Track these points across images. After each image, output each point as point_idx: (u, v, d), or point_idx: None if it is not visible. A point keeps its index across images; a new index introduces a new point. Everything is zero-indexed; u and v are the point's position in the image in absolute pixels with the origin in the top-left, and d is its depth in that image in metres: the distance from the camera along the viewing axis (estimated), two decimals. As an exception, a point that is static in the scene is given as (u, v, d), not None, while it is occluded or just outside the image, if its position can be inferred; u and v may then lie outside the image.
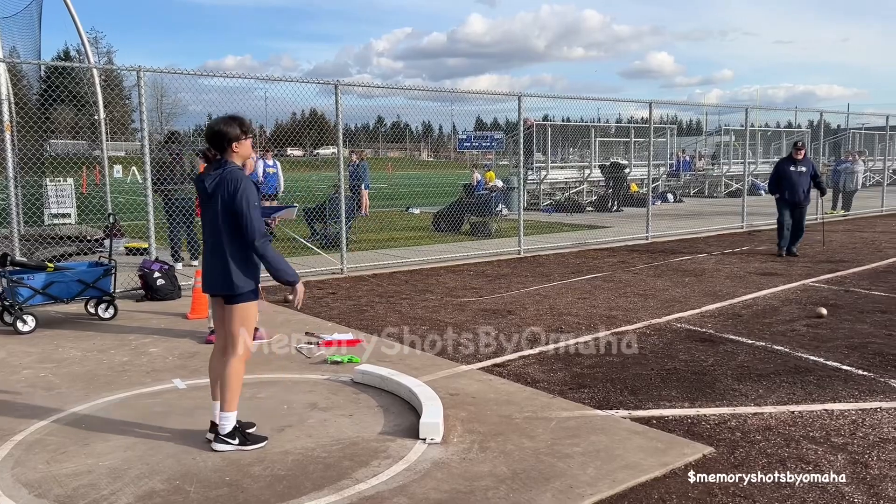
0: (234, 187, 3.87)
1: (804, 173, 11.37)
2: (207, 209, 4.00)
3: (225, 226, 3.90)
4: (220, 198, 3.89)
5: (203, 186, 3.98)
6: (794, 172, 11.38)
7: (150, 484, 3.58)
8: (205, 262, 4.06)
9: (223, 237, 3.93)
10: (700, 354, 5.91)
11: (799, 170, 11.37)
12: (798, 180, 11.35)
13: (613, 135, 24.85)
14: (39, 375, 5.40)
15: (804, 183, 11.37)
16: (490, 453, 3.94)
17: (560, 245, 12.72)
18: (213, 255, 3.99)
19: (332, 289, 8.88)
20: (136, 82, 8.19)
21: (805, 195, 11.42)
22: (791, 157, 11.52)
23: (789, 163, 11.51)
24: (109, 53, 63.26)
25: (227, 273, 3.92)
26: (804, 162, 11.42)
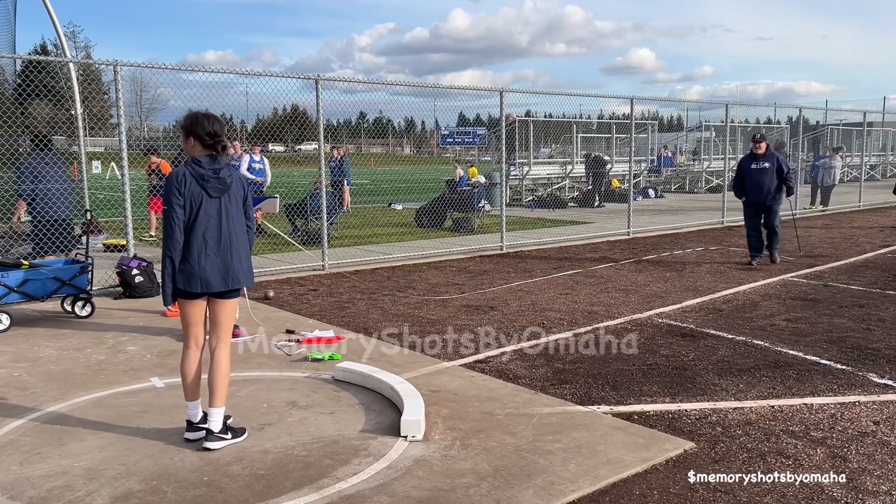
0: (245, 182, 4.09)
1: (768, 170, 9.95)
2: (220, 203, 3.91)
3: (238, 220, 4.00)
4: (238, 191, 3.99)
5: (223, 179, 3.89)
6: (756, 170, 10.02)
7: (127, 484, 3.53)
8: (218, 258, 3.89)
9: (237, 231, 3.98)
10: (681, 349, 5.94)
11: (761, 166, 9.99)
12: (761, 178, 9.97)
13: (595, 131, 24.93)
14: (14, 375, 5.30)
15: (769, 181, 9.96)
16: (472, 450, 3.93)
17: (542, 241, 12.73)
18: (238, 249, 3.96)
19: (313, 285, 8.82)
20: (113, 77, 8.06)
21: (772, 195, 10.03)
22: (751, 153, 10.20)
23: (750, 160, 10.18)
24: (87, 48, 62.42)
25: (249, 264, 4.06)
26: (767, 157, 10.02)
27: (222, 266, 3.92)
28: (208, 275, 3.89)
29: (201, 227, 3.88)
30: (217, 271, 3.91)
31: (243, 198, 4.06)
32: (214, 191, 3.89)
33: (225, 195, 3.93)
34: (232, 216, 3.96)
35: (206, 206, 3.89)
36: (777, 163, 10.01)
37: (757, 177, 10.01)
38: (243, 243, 4.03)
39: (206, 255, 3.89)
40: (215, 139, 3.91)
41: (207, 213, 3.89)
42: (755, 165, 10.05)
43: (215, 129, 3.90)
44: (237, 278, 3.98)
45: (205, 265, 3.89)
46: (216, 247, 3.91)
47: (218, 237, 3.91)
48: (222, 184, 3.91)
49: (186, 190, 3.86)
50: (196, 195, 3.87)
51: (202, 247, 3.88)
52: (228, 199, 3.95)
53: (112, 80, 8.10)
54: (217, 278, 3.91)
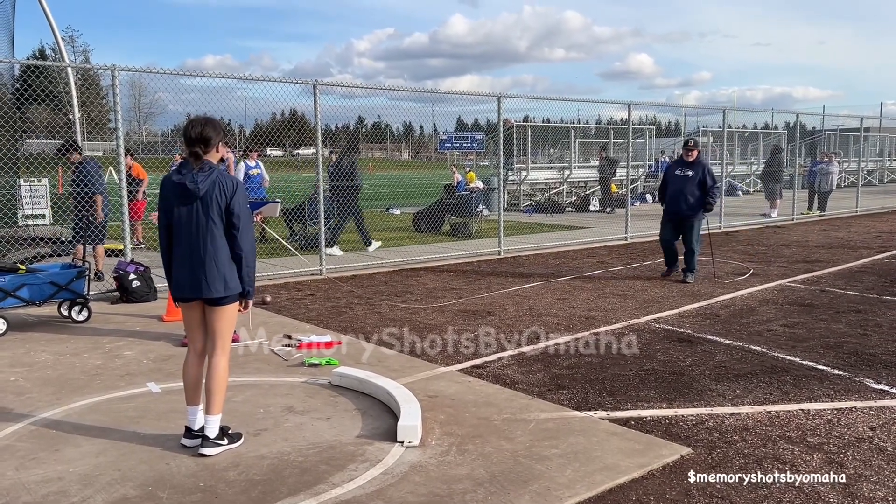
0: (233, 187, 3.92)
1: (691, 178, 9.12)
2: (191, 210, 3.85)
3: (217, 227, 3.88)
4: (214, 198, 3.85)
5: (188, 187, 3.83)
6: (678, 176, 9.21)
7: (122, 490, 3.52)
8: (188, 265, 3.88)
9: (215, 238, 3.88)
10: (678, 354, 5.94)
11: (685, 173, 9.18)
12: (682, 186, 9.15)
13: (593, 136, 24.97)
14: (10, 380, 5.29)
15: (690, 190, 9.12)
16: (468, 456, 3.92)
17: (540, 246, 12.73)
18: (204, 257, 3.86)
19: (310, 290, 8.82)
20: (111, 81, 8.07)
21: (690, 206, 9.16)
22: (680, 159, 9.46)
23: (676, 165, 9.42)
24: (86, 52, 62.38)
25: (224, 274, 3.91)
26: (695, 165, 9.19)
27: (190, 273, 3.89)
28: (181, 279, 3.92)
29: (176, 232, 3.92)
30: (187, 278, 3.90)
31: (224, 206, 3.87)
32: (181, 197, 3.87)
33: (196, 202, 3.85)
34: (202, 224, 3.85)
35: (179, 212, 3.89)
36: (703, 173, 9.18)
37: (678, 184, 9.21)
38: (218, 252, 3.88)
39: (178, 261, 3.92)
40: (193, 143, 3.86)
41: (179, 219, 3.89)
42: (679, 172, 9.26)
43: (193, 133, 3.86)
44: (202, 287, 3.87)
45: (178, 270, 3.92)
46: (187, 252, 3.89)
47: (188, 244, 3.89)
48: (185, 190, 3.84)
49: (164, 195, 3.94)
50: (169, 201, 3.90)
51: (177, 250, 3.93)
52: (200, 207, 3.85)
53: (111, 84, 8.10)
54: (187, 285, 3.91)
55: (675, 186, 9.23)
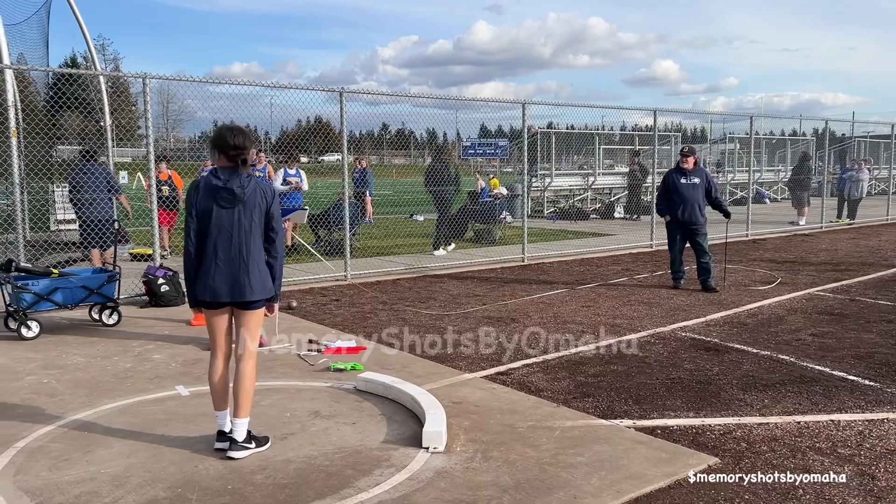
0: (272, 194, 4.09)
1: (697, 185, 9.15)
2: (233, 214, 3.93)
3: (257, 231, 4.01)
4: (257, 203, 3.98)
5: (235, 192, 3.91)
6: (686, 185, 9.14)
7: (153, 491, 3.57)
8: (227, 269, 3.93)
9: (252, 243, 3.98)
10: (705, 363, 5.88)
11: (692, 181, 9.15)
12: (692, 194, 9.12)
13: (617, 142, 24.84)
14: (43, 382, 5.40)
15: (698, 198, 9.15)
16: (493, 462, 3.92)
17: (564, 252, 12.70)
18: (247, 260, 3.96)
19: (335, 295, 8.88)
20: (142, 89, 8.22)
21: (703, 213, 9.21)
22: (678, 168, 9.34)
23: (679, 174, 9.28)
24: (116, 60, 63.58)
25: (262, 277, 4.03)
26: (696, 172, 9.23)
27: (230, 277, 3.94)
28: (217, 285, 3.94)
29: (212, 236, 3.94)
30: (225, 282, 3.94)
31: (265, 210, 4.02)
32: (224, 202, 3.92)
33: (238, 206, 3.93)
34: (245, 228, 3.95)
35: (218, 217, 3.93)
36: (706, 180, 9.27)
37: (688, 193, 9.14)
38: (257, 256, 4.00)
39: (215, 265, 3.94)
40: (238, 151, 3.95)
41: (219, 224, 3.93)
42: (685, 180, 9.17)
43: (237, 141, 3.95)
44: (245, 290, 3.96)
45: (213, 275, 3.94)
46: (226, 257, 3.94)
47: (228, 248, 3.94)
48: (231, 195, 3.91)
49: (198, 199, 3.95)
50: (207, 205, 3.93)
51: (213, 256, 3.95)
52: (243, 211, 3.94)
53: (140, 91, 8.26)
54: (225, 289, 3.95)
55: (687, 196, 9.14)
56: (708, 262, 9.22)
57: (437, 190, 12.74)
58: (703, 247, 9.21)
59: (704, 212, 9.26)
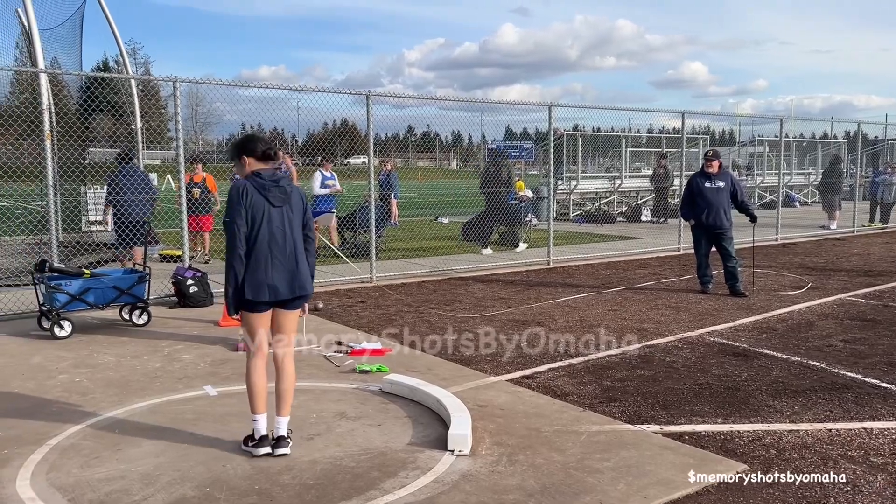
0: (304, 194, 4.22)
1: (723, 189, 9.06)
2: (282, 213, 4.01)
3: (300, 230, 4.12)
4: (297, 202, 4.11)
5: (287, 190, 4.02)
6: (710, 189, 9.05)
7: (181, 490, 3.62)
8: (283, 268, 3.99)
9: (299, 240, 4.10)
10: (733, 369, 5.81)
11: (716, 185, 9.07)
12: (717, 198, 9.03)
13: (644, 145, 24.65)
14: (75, 380, 5.49)
15: (723, 202, 9.06)
16: (519, 466, 3.91)
17: (590, 256, 12.63)
18: (298, 258, 4.06)
19: (361, 297, 8.92)
20: (171, 92, 8.34)
21: (729, 217, 9.13)
22: (703, 171, 9.29)
23: (704, 177, 9.18)
24: (147, 64, 64.46)
25: (309, 275, 4.16)
26: (721, 176, 9.15)
27: (288, 274, 4.02)
28: (276, 283, 3.98)
29: (266, 236, 3.96)
30: (284, 280, 4.00)
31: (303, 209, 4.16)
32: (276, 200, 3.99)
33: (286, 205, 4.04)
34: (294, 226, 4.08)
35: (271, 216, 3.98)
36: (731, 184, 9.17)
37: (713, 197, 9.04)
38: (303, 253, 4.13)
39: (272, 265, 3.97)
40: (269, 147, 4.08)
41: (272, 223, 3.98)
42: (710, 184, 9.09)
43: (270, 150, 4.09)
44: (302, 285, 4.09)
45: (272, 274, 3.97)
46: (282, 255, 4.00)
47: (283, 246, 4.01)
48: (283, 192, 4.01)
49: (249, 201, 3.93)
50: (259, 206, 3.95)
51: (268, 256, 3.96)
52: (290, 209, 4.05)
53: (170, 95, 8.39)
54: (285, 286, 4.01)
55: (712, 199, 9.04)
56: (734, 267, 9.10)
57: (492, 191, 13.24)
58: (728, 251, 9.10)
59: (730, 216, 9.17)
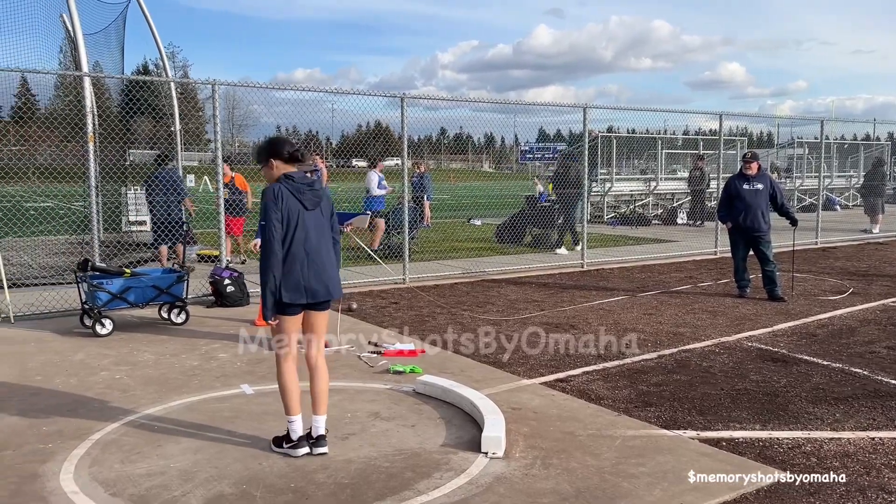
0: (330, 196, 4.23)
1: (761, 191, 8.91)
2: (315, 215, 4.05)
3: (328, 232, 4.15)
4: (326, 205, 4.15)
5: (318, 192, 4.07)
6: (748, 191, 8.92)
7: (219, 487, 3.67)
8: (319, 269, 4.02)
9: (330, 242, 4.15)
10: (772, 375, 5.71)
11: (755, 187, 8.93)
12: (755, 201, 8.89)
13: (680, 146, 24.34)
14: (115, 377, 5.61)
15: (762, 204, 8.92)
16: (553, 470, 3.89)
17: (624, 259, 12.51)
18: (328, 260, 4.10)
19: (394, 298, 8.96)
20: (209, 95, 8.48)
21: (767, 220, 8.99)
22: (741, 173, 9.14)
23: (742, 180, 9.06)
24: (185, 67, 65.71)
25: (339, 276, 4.21)
26: (760, 178, 9.00)
27: (323, 276, 4.06)
28: (313, 285, 4.02)
29: (301, 239, 3.99)
30: (320, 281, 4.04)
31: (330, 212, 4.20)
32: (310, 203, 4.03)
33: (318, 208, 4.08)
34: (326, 228, 4.14)
35: (305, 219, 4.01)
36: (771, 185, 9.03)
37: (751, 199, 8.91)
38: (332, 254, 4.18)
39: (308, 267, 4.01)
40: (295, 149, 4.09)
41: (306, 226, 4.01)
42: (748, 186, 8.95)
43: (294, 146, 4.10)
44: (336, 287, 4.15)
45: (308, 276, 4.00)
46: (316, 257, 4.04)
47: (318, 248, 4.05)
48: (316, 195, 4.06)
49: (284, 204, 3.95)
50: (294, 208, 3.98)
51: (304, 258, 3.99)
52: (321, 212, 4.10)
53: (207, 97, 8.53)
54: (321, 288, 4.05)
55: (750, 202, 8.91)
56: (773, 271, 8.94)
57: (563, 192, 13.61)
58: (766, 255, 8.95)
59: (768, 218, 9.04)
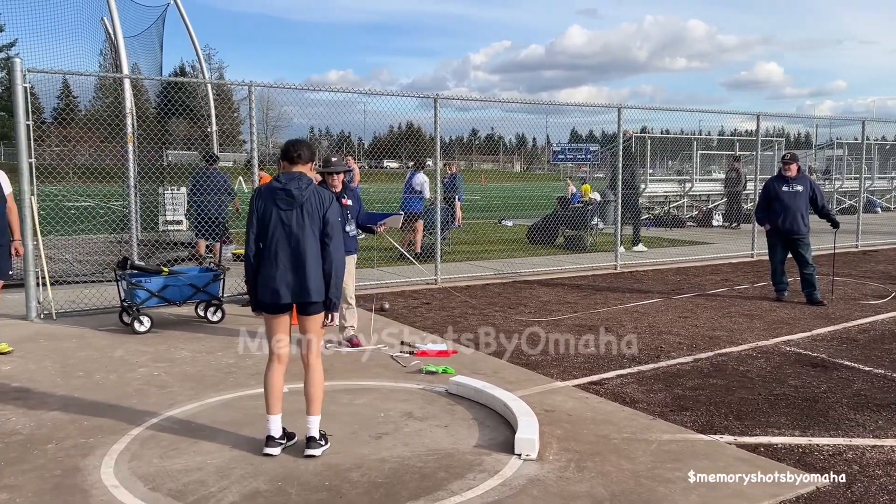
0: (330, 199, 4.17)
1: (801, 193, 8.72)
2: (293, 216, 4.02)
3: (316, 234, 4.07)
4: (314, 207, 4.07)
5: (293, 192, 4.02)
6: (787, 193, 8.72)
7: (255, 484, 3.72)
8: (290, 270, 4.01)
9: (311, 246, 4.05)
10: (811, 380, 5.60)
11: (794, 189, 8.72)
12: (794, 203, 8.70)
13: (715, 147, 24.00)
14: (154, 374, 5.71)
15: (801, 206, 8.72)
16: (587, 473, 3.86)
17: (659, 261, 12.37)
18: (301, 263, 4.02)
19: (426, 299, 8.97)
20: (244, 96, 8.60)
21: (807, 223, 8.79)
22: (780, 175, 8.94)
23: (781, 181, 8.86)
24: (221, 69, 66.59)
25: (320, 282, 4.09)
26: (800, 180, 8.82)
27: (292, 278, 4.02)
28: (278, 286, 4.01)
29: (273, 239, 4.03)
30: (286, 283, 4.02)
31: (322, 214, 4.09)
32: (283, 203, 4.03)
33: (298, 209, 4.03)
34: (303, 231, 4.03)
35: (281, 219, 4.03)
36: (811, 188, 8.82)
37: (790, 201, 8.71)
38: (316, 259, 4.06)
39: (276, 267, 4.02)
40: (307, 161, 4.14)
41: (279, 226, 4.03)
42: (787, 188, 8.74)
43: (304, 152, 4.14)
44: (306, 292, 4.04)
45: (275, 276, 4.01)
46: (286, 259, 4.02)
47: (288, 250, 4.02)
48: (289, 196, 4.02)
49: (261, 203, 4.07)
50: (269, 208, 4.04)
51: (273, 258, 4.02)
52: (301, 213, 4.04)
53: (243, 99, 8.65)
54: (286, 290, 4.02)
55: (790, 204, 8.72)
56: (812, 274, 8.77)
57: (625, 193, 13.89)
58: (805, 258, 8.78)
59: (808, 221, 8.85)
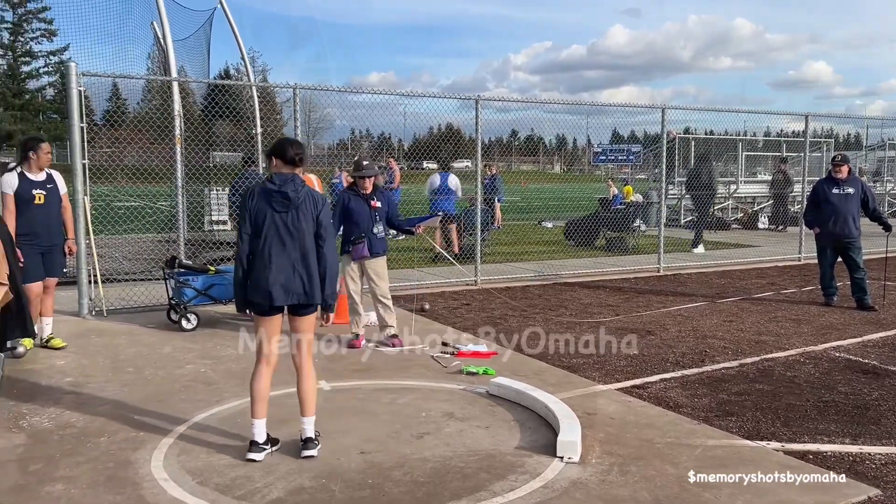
0: (323, 201, 4.16)
1: (852, 196, 8.48)
2: (288, 217, 4.00)
3: (310, 235, 4.07)
4: (308, 209, 4.05)
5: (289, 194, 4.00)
6: (838, 195, 8.49)
7: (299, 480, 3.77)
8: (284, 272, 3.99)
9: (305, 248, 4.04)
10: (862, 387, 5.45)
11: (845, 191, 8.49)
12: (845, 206, 8.46)
13: (761, 148, 23.51)
14: (200, 371, 5.83)
15: (852, 209, 8.49)
16: (630, 477, 3.83)
17: (703, 264, 12.18)
18: (295, 265, 4.01)
19: (466, 300, 8.98)
20: (287, 98, 8.73)
21: (858, 226, 8.56)
22: (830, 177, 8.70)
23: (831, 183, 8.62)
24: (265, 72, 67.52)
25: (314, 283, 4.07)
26: (850, 182, 8.56)
27: (285, 280, 4.00)
28: (271, 287, 3.99)
29: (266, 240, 4.01)
30: (279, 285, 3.99)
31: (315, 215, 4.07)
32: (278, 205, 4.01)
33: (292, 210, 4.01)
34: (298, 232, 4.02)
35: (271, 220, 4.01)
36: (863, 190, 8.60)
37: (840, 204, 8.47)
38: (311, 261, 4.05)
39: (268, 268, 3.99)
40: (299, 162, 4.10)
41: (272, 227, 4.01)
42: (838, 190, 8.51)
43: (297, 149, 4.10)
44: (299, 293, 4.03)
45: (268, 277, 3.99)
46: (279, 260, 4.00)
47: (282, 251, 4.01)
48: (285, 198, 4.01)
49: (253, 204, 4.03)
50: (262, 209, 4.02)
51: (266, 260, 4.00)
52: (296, 216, 4.02)
53: (286, 101, 8.79)
54: (279, 292, 4.00)
55: (840, 207, 8.50)
56: (863, 279, 8.54)
57: (696, 194, 14.42)
58: (856, 262, 8.55)
59: (859, 224, 8.63)
